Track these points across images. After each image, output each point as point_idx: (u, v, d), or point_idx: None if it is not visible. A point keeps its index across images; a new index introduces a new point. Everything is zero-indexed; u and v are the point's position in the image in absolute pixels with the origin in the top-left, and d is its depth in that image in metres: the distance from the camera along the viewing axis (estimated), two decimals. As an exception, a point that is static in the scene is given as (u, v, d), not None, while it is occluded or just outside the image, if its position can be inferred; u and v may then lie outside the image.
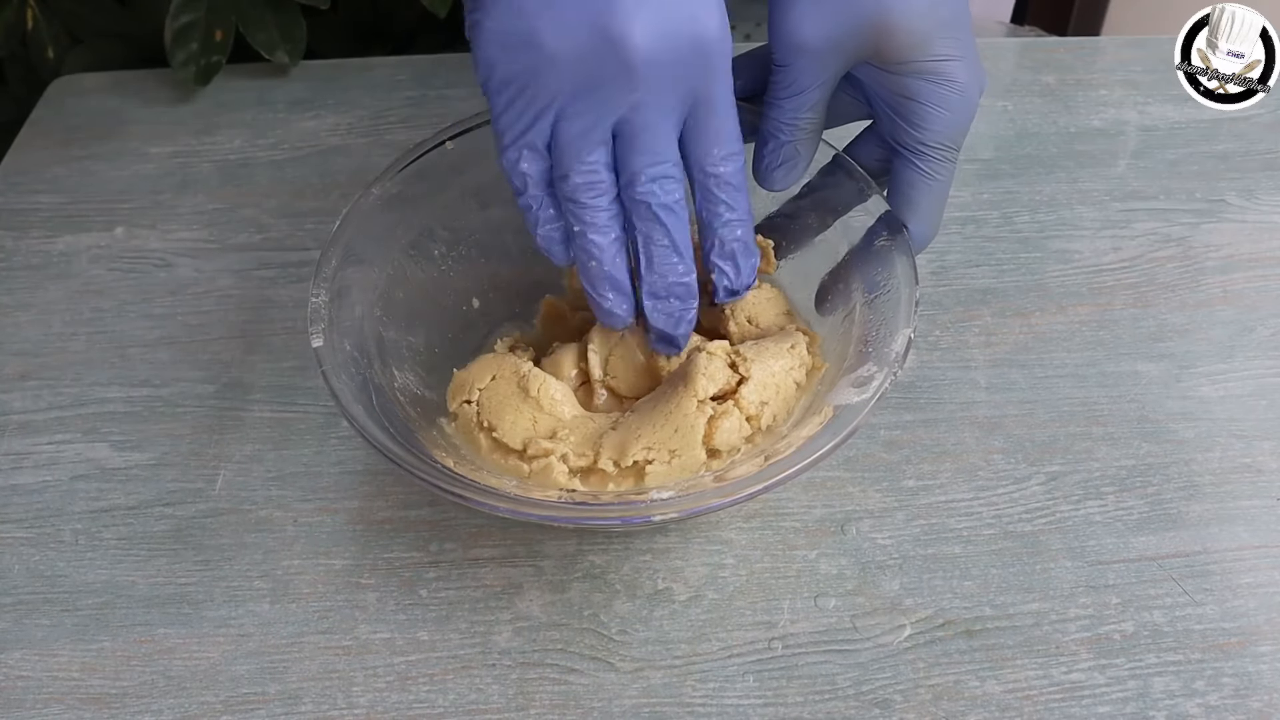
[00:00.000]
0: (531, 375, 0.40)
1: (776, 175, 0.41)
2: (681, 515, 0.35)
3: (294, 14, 0.64)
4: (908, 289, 0.39)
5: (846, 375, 0.39)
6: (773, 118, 0.40)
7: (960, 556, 0.41)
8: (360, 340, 0.41)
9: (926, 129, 0.39)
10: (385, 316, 0.43)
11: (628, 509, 0.36)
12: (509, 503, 0.35)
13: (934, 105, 0.39)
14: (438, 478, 0.35)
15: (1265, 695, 0.37)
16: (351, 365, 0.39)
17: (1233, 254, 0.53)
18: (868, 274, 0.41)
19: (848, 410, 0.37)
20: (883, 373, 0.37)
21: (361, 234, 0.43)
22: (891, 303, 0.39)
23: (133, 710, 0.38)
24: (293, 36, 0.64)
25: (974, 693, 0.38)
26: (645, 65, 0.35)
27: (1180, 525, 0.42)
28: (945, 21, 0.38)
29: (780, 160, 0.41)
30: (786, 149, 0.41)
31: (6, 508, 0.44)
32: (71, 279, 0.54)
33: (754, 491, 0.34)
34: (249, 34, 0.63)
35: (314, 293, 0.40)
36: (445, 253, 0.46)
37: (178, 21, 0.62)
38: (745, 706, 0.38)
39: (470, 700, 0.38)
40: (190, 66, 0.62)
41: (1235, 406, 0.46)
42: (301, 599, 0.41)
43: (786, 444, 0.38)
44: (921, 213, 0.41)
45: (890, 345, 0.38)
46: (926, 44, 0.38)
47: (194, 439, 0.46)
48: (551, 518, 0.36)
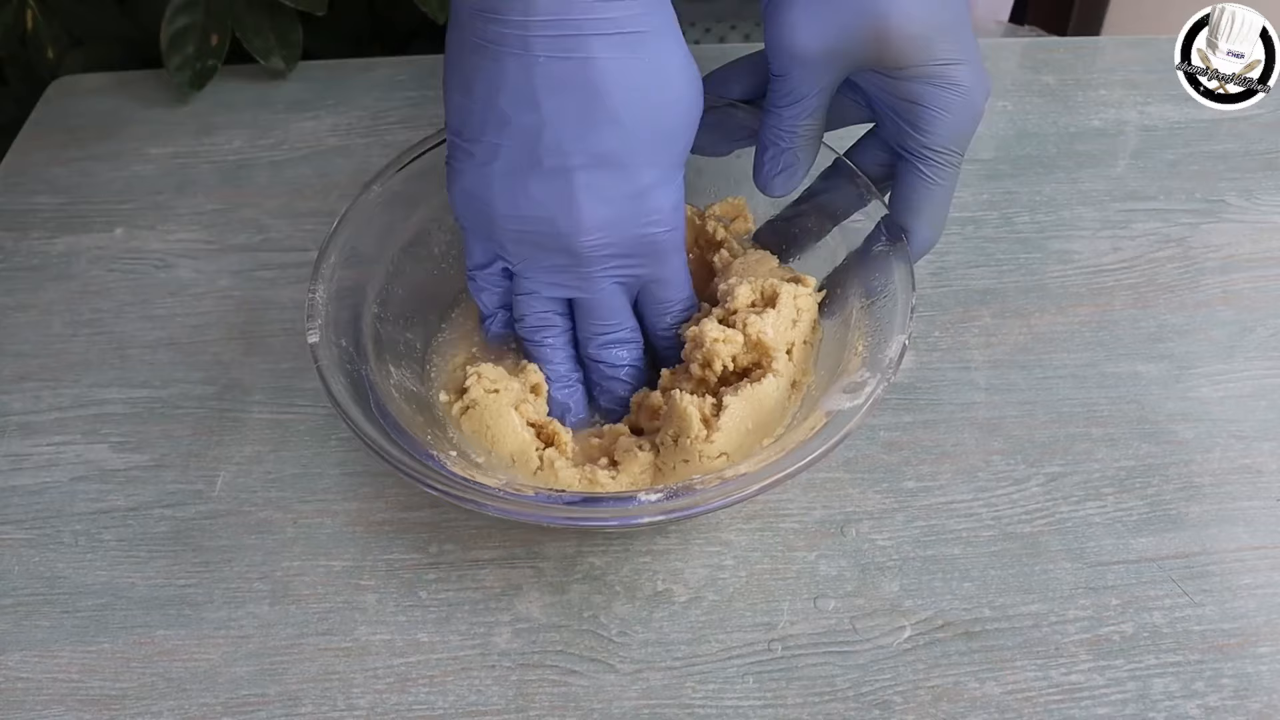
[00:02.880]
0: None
1: (776, 182, 0.41)
2: (668, 518, 0.36)
3: (290, 20, 0.64)
4: (904, 295, 0.39)
5: (840, 380, 0.39)
6: (771, 125, 0.40)
7: (960, 558, 0.41)
8: (357, 337, 0.41)
9: (930, 133, 0.39)
10: (383, 314, 0.43)
11: (621, 509, 0.36)
12: (502, 503, 0.35)
13: (938, 109, 0.38)
14: (431, 477, 0.35)
15: (1265, 696, 0.37)
16: (348, 361, 0.39)
17: (1233, 254, 0.53)
18: (866, 279, 0.41)
19: (840, 416, 0.37)
20: (876, 378, 0.37)
21: (361, 232, 0.43)
22: (888, 309, 0.39)
23: (132, 712, 0.38)
24: (288, 42, 0.64)
25: (974, 694, 0.38)
26: (597, 261, 0.39)
27: (1180, 526, 0.42)
28: (945, 25, 0.38)
29: (780, 167, 0.41)
30: (786, 155, 0.41)
31: (6, 509, 0.44)
32: (71, 280, 0.54)
33: (746, 494, 0.35)
34: (245, 39, 0.63)
35: (312, 289, 0.40)
36: (444, 251, 0.46)
37: (174, 25, 0.62)
38: (745, 708, 0.38)
39: (470, 702, 0.38)
40: (185, 71, 0.62)
41: (1235, 407, 0.46)
42: (301, 600, 0.41)
43: (778, 447, 0.38)
44: (925, 217, 0.41)
45: (885, 351, 0.38)
46: (927, 49, 0.37)
47: (193, 440, 0.46)
48: (545, 518, 0.36)
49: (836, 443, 0.35)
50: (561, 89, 0.35)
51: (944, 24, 0.38)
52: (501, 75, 0.35)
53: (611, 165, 0.37)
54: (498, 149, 0.37)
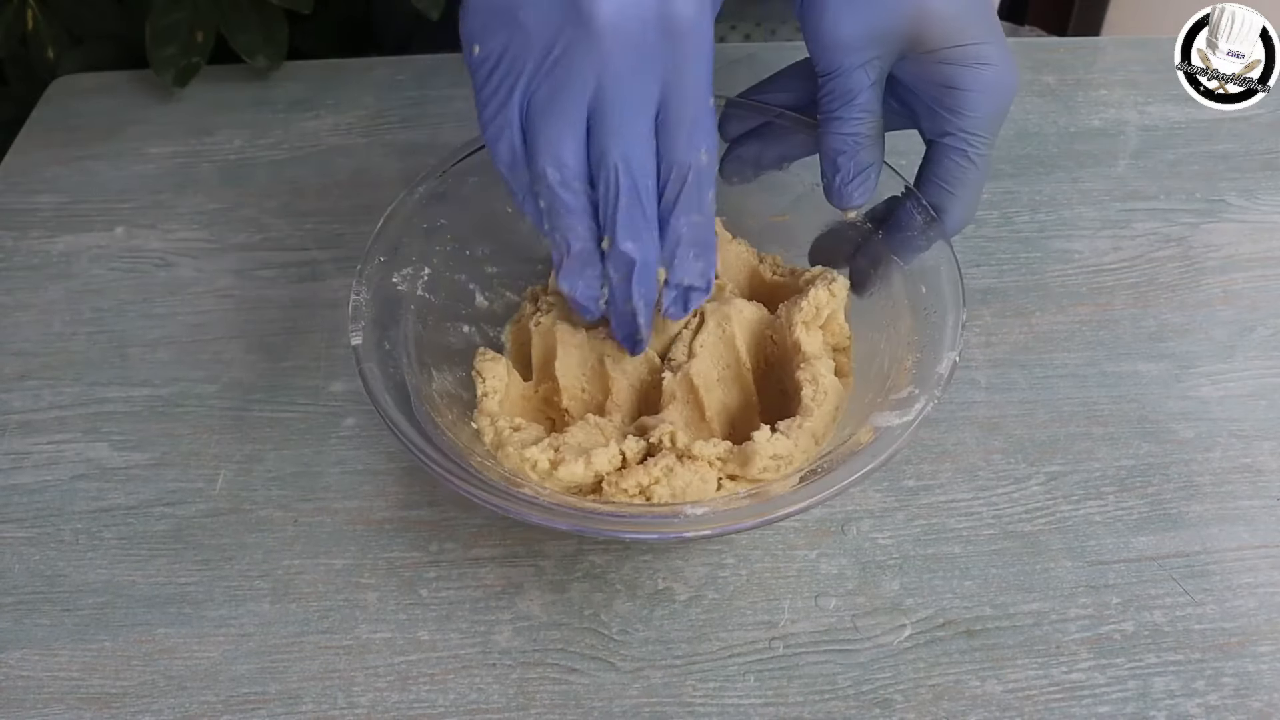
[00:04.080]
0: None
1: (852, 189, 0.40)
2: (715, 533, 0.35)
3: (277, 18, 0.64)
4: (954, 312, 0.39)
5: (889, 396, 0.38)
6: (833, 132, 0.40)
7: (960, 556, 0.41)
8: (399, 339, 0.41)
9: (969, 114, 0.39)
10: (425, 316, 0.43)
11: (665, 524, 0.36)
12: (543, 512, 0.35)
13: (975, 89, 0.39)
14: (473, 483, 0.35)
15: (1265, 695, 0.38)
16: (389, 363, 0.39)
17: (1233, 254, 0.53)
18: (914, 292, 0.41)
19: (887, 433, 0.36)
20: (925, 395, 0.36)
21: (404, 232, 0.43)
22: (937, 325, 0.39)
23: (133, 710, 0.38)
24: (274, 40, 0.64)
25: (974, 692, 0.38)
26: (611, 35, 0.34)
27: (1180, 525, 0.42)
28: (974, 4, 0.38)
29: (853, 173, 0.40)
30: (858, 159, 0.40)
31: (7, 508, 0.44)
32: (71, 279, 0.54)
33: (790, 511, 0.34)
34: (230, 37, 0.63)
35: (355, 290, 0.40)
36: (487, 254, 0.46)
37: (160, 22, 0.62)
38: (746, 706, 0.38)
39: (470, 700, 0.38)
40: (170, 68, 0.62)
41: (1235, 406, 0.46)
42: (302, 599, 0.41)
43: (826, 462, 0.37)
44: (960, 199, 0.41)
45: (934, 368, 0.37)
46: (961, 29, 0.38)
47: (194, 439, 0.46)
48: (589, 530, 0.35)
49: (887, 458, 0.35)
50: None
51: (973, 4, 0.38)
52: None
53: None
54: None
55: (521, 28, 0.34)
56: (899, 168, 0.42)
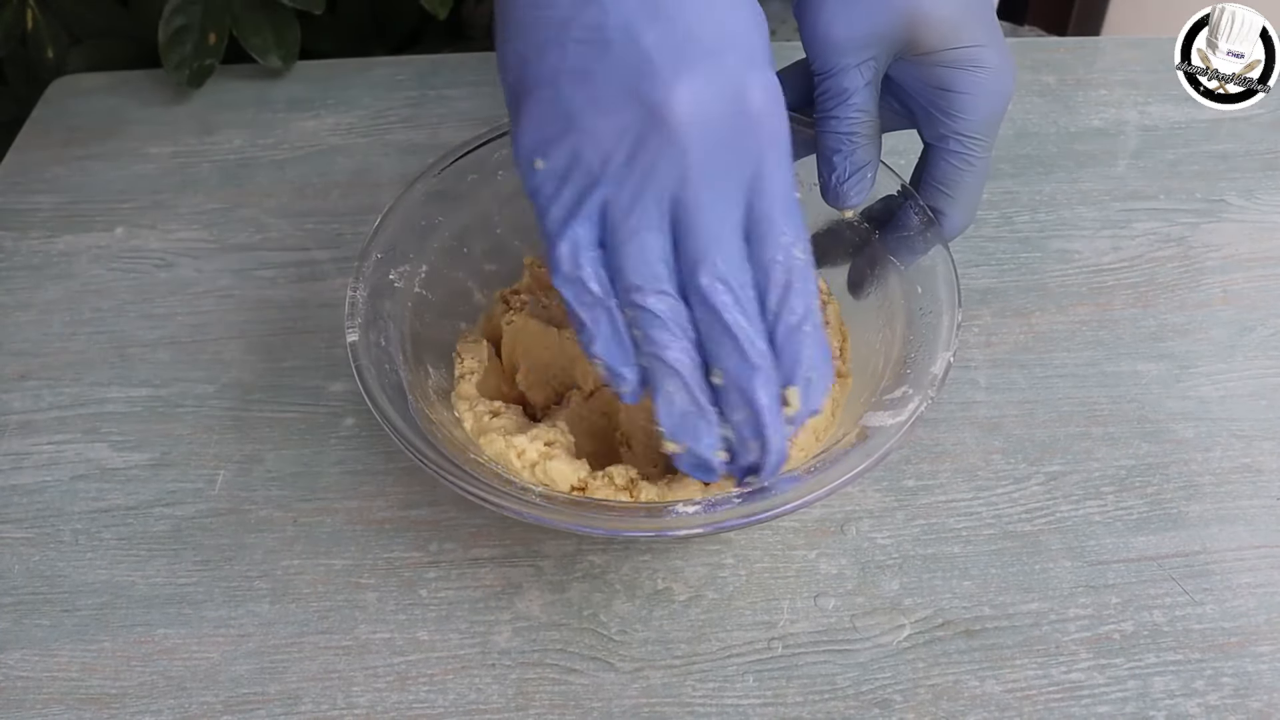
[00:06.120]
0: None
1: (848, 189, 0.40)
2: (706, 530, 0.35)
3: (288, 18, 0.64)
4: (950, 312, 0.39)
5: (881, 396, 0.38)
6: (829, 131, 0.39)
7: (960, 556, 0.41)
8: (396, 337, 0.41)
9: (964, 117, 0.39)
10: (422, 313, 0.43)
11: (658, 521, 0.36)
12: (540, 510, 0.35)
13: (970, 92, 0.39)
14: (470, 483, 0.35)
15: (1265, 695, 0.37)
16: (385, 361, 0.39)
17: (1233, 254, 0.53)
18: (910, 292, 0.41)
19: (881, 433, 0.36)
20: (920, 395, 0.37)
21: (402, 230, 0.43)
22: (932, 325, 0.39)
23: (132, 710, 0.38)
24: (286, 41, 0.64)
25: (974, 692, 0.38)
26: (688, 128, 0.32)
27: (1180, 525, 0.42)
28: (972, 8, 0.38)
29: (849, 172, 0.39)
30: (853, 159, 0.39)
31: (6, 508, 0.44)
32: (71, 279, 0.54)
33: (787, 509, 0.34)
34: (243, 38, 0.63)
35: (352, 287, 0.40)
36: (485, 251, 0.46)
37: (172, 24, 0.62)
38: (745, 706, 0.38)
39: (470, 700, 0.38)
40: (184, 69, 0.62)
41: (1235, 406, 0.46)
42: (301, 599, 0.41)
43: (820, 461, 0.37)
44: (960, 202, 0.41)
45: (929, 368, 0.37)
46: (957, 33, 0.38)
47: (194, 439, 0.46)
48: (582, 527, 0.35)
49: (880, 458, 0.35)
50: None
51: (971, 7, 0.38)
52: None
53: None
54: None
55: (590, 135, 0.32)
56: (897, 167, 0.42)
